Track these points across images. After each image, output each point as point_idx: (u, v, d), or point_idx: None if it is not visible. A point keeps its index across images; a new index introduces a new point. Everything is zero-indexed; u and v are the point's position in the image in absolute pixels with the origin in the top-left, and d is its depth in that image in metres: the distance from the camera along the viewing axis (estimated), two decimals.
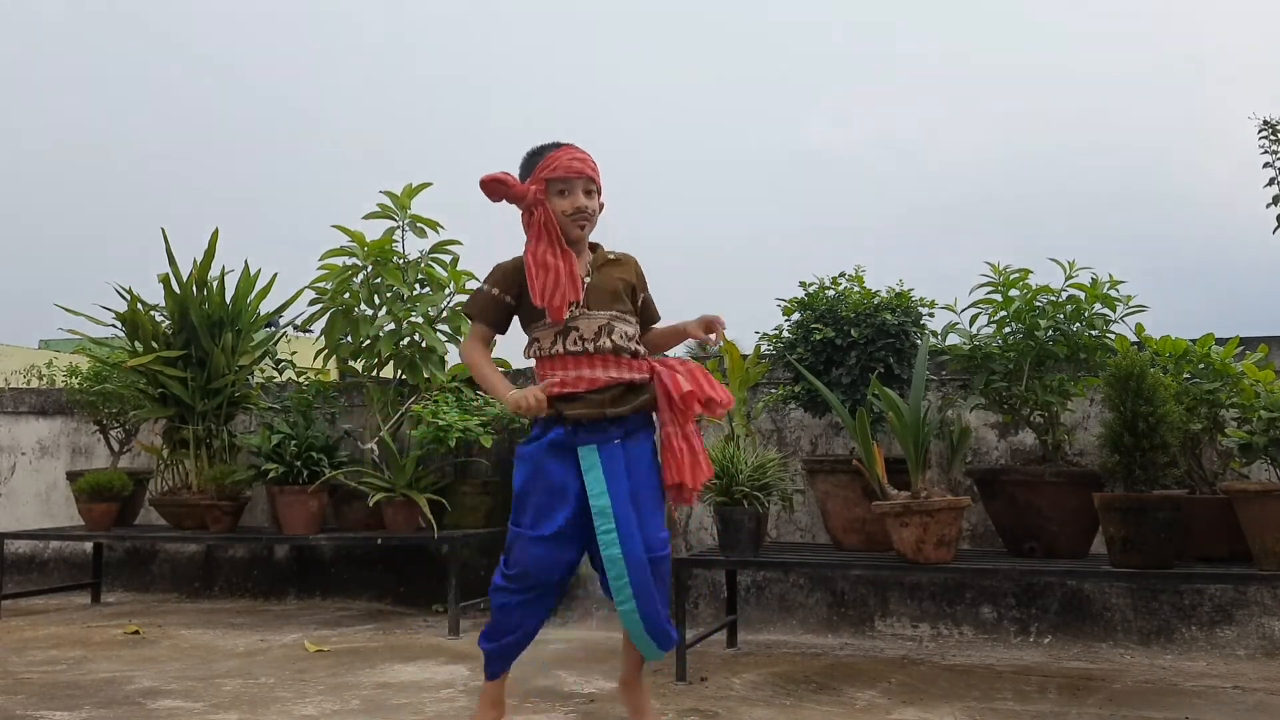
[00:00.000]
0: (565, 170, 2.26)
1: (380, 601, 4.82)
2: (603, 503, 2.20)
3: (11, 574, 5.12)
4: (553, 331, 2.28)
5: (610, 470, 2.22)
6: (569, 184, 2.27)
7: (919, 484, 3.16)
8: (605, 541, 2.20)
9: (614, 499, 2.20)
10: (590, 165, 2.30)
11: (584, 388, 2.25)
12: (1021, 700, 2.88)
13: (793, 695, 2.95)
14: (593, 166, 2.30)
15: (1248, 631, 3.57)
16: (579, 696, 2.93)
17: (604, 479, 2.21)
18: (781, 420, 4.33)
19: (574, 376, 2.25)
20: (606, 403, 2.24)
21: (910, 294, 3.68)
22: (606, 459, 2.23)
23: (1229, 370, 3.15)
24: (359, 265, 4.51)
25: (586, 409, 2.24)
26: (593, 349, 2.25)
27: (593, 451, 2.23)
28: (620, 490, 2.22)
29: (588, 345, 2.26)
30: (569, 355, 2.26)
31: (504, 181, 2.25)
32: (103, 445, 5.22)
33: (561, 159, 2.27)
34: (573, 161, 2.27)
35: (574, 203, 2.27)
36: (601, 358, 2.26)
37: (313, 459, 4.40)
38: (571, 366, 2.26)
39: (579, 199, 2.27)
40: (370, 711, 2.76)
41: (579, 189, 2.28)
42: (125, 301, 4.86)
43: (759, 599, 4.15)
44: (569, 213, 2.27)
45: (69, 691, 3.02)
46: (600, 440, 2.24)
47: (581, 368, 2.26)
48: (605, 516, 2.20)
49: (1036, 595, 3.82)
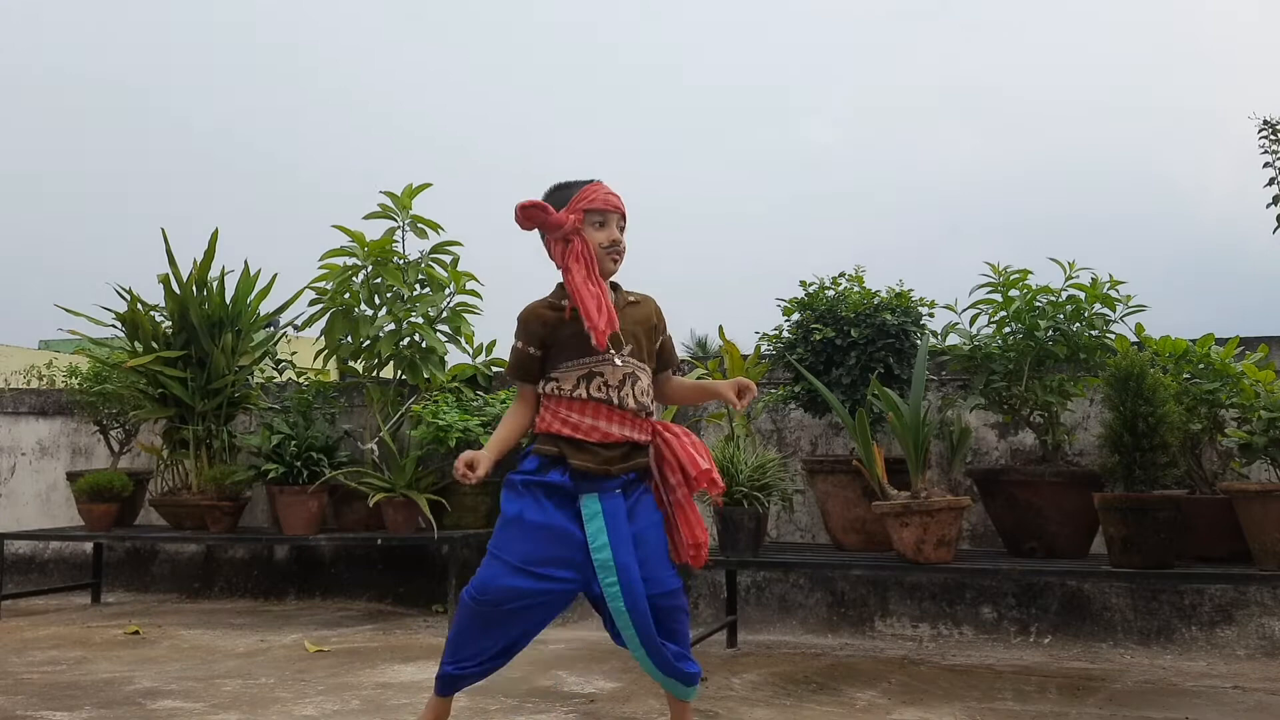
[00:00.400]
0: (604, 203, 2.27)
1: (380, 602, 4.82)
2: (604, 555, 2.16)
3: (11, 574, 5.12)
4: (575, 375, 2.23)
5: (612, 520, 2.18)
6: (606, 217, 2.27)
7: (919, 484, 3.16)
8: (610, 595, 2.16)
9: (616, 550, 2.16)
10: (623, 203, 2.32)
11: (595, 439, 2.20)
12: (1021, 700, 2.88)
13: (793, 695, 2.95)
14: (623, 204, 2.32)
15: (1248, 631, 3.57)
16: (579, 697, 2.93)
17: (606, 530, 2.17)
18: (781, 420, 4.33)
19: (589, 425, 2.21)
20: (614, 460, 2.21)
21: (910, 294, 3.68)
22: (609, 508, 2.19)
23: (1229, 370, 3.15)
24: (359, 265, 4.51)
25: (592, 463, 2.19)
26: (615, 400, 2.22)
27: (594, 500, 2.19)
28: (623, 540, 2.17)
29: (611, 394, 2.22)
30: (591, 401, 2.22)
31: (545, 209, 2.24)
32: (103, 446, 5.22)
33: (600, 192, 2.28)
34: (610, 196, 2.28)
35: (610, 235, 2.27)
36: (620, 413, 2.22)
37: (313, 459, 4.40)
38: (590, 414, 2.21)
39: (614, 232, 2.28)
40: (370, 712, 2.76)
41: (614, 223, 2.28)
42: (125, 302, 4.86)
43: (759, 599, 4.15)
44: (605, 245, 2.26)
45: (69, 692, 3.02)
46: (602, 490, 2.20)
47: (599, 418, 2.21)
48: (608, 570, 2.15)
49: (1036, 595, 3.82)
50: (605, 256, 2.27)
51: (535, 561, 2.18)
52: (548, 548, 2.18)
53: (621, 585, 2.15)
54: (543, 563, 2.18)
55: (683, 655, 2.25)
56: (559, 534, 2.19)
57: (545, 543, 2.19)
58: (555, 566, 2.18)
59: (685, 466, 2.24)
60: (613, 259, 2.29)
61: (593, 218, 2.27)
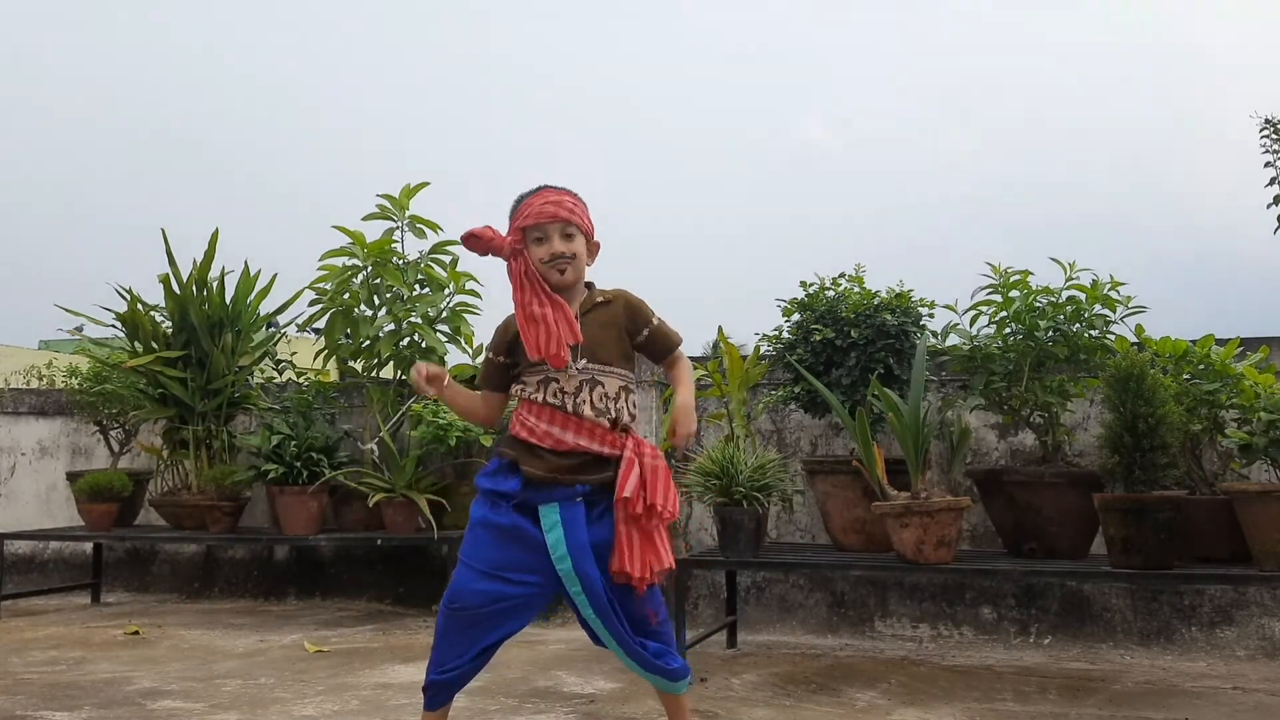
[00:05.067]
0: (537, 216, 2.19)
1: (380, 602, 4.82)
2: (565, 566, 2.13)
3: (11, 574, 5.11)
4: (536, 378, 2.20)
5: (570, 529, 2.14)
6: (543, 229, 2.19)
7: (919, 485, 3.16)
8: (579, 603, 2.15)
9: (575, 559, 2.13)
10: (565, 208, 2.20)
11: (548, 445, 2.16)
12: (1021, 701, 2.88)
13: (793, 696, 2.94)
14: (568, 208, 2.21)
15: (1248, 632, 3.57)
16: (579, 697, 2.93)
17: (565, 540, 2.13)
18: (781, 421, 4.33)
19: (543, 430, 2.16)
20: (564, 470, 2.15)
21: (910, 294, 3.68)
22: (567, 517, 2.15)
23: (1229, 371, 3.15)
24: (359, 266, 4.51)
25: (543, 471, 2.15)
26: (570, 406, 2.16)
27: (554, 510, 2.15)
28: (582, 548, 2.13)
29: (566, 400, 2.17)
30: (547, 406, 2.18)
31: (479, 236, 2.20)
32: (103, 446, 5.21)
33: (534, 204, 2.20)
34: (545, 206, 2.19)
35: (550, 249, 2.19)
36: (574, 420, 2.16)
37: (313, 459, 4.40)
38: (545, 419, 2.17)
39: (555, 245, 2.19)
40: (370, 712, 2.76)
41: (555, 234, 2.19)
42: (125, 302, 4.86)
43: (759, 599, 4.15)
44: (545, 259, 2.19)
45: (69, 692, 3.02)
46: (562, 498, 2.16)
47: (554, 424, 2.16)
48: (571, 579, 2.13)
49: (1036, 596, 3.82)
50: (549, 271, 2.20)
51: (502, 566, 2.16)
52: (513, 553, 2.16)
53: (586, 594, 2.13)
54: (510, 567, 2.16)
55: (663, 651, 2.21)
56: (522, 538, 2.16)
57: (510, 548, 2.16)
58: (523, 571, 2.16)
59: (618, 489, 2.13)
60: (558, 270, 2.20)
61: (531, 234, 2.20)
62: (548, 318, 2.16)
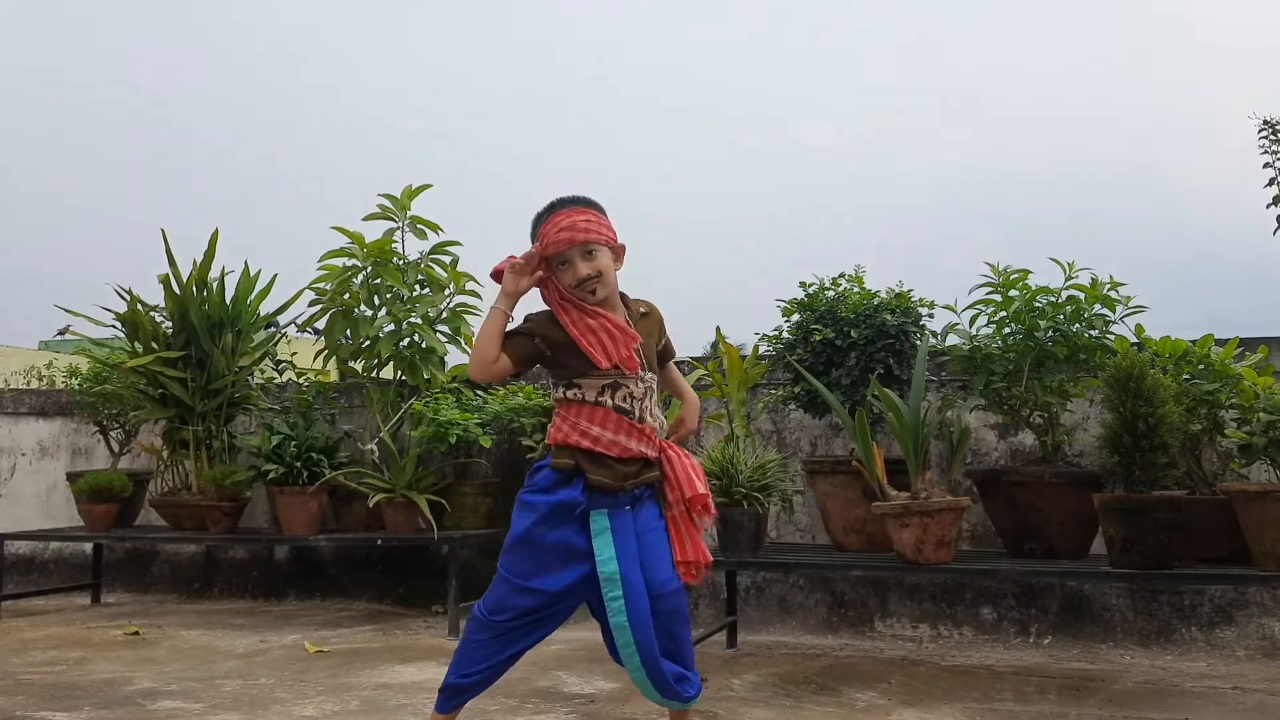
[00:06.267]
0: (555, 245, 2.17)
1: (380, 602, 4.82)
2: (611, 569, 2.13)
3: (11, 575, 5.12)
4: (600, 383, 2.18)
5: (620, 535, 2.16)
6: (564, 256, 2.18)
7: (919, 485, 3.16)
8: (613, 609, 2.14)
9: (622, 563, 2.14)
10: (580, 229, 2.17)
11: (615, 453, 2.16)
12: (1021, 701, 2.88)
13: (793, 696, 2.95)
14: (584, 228, 2.17)
15: (1247, 632, 3.57)
16: (579, 697, 2.93)
17: (613, 544, 2.15)
18: (781, 421, 4.33)
19: (609, 439, 2.16)
20: (628, 476, 2.17)
21: (910, 294, 3.68)
22: (617, 524, 2.16)
23: (1229, 371, 3.14)
24: (359, 266, 4.51)
25: (610, 479, 2.16)
26: (637, 413, 2.18)
27: (603, 516, 2.16)
28: (629, 555, 2.15)
29: (635, 406, 2.18)
30: (615, 412, 2.17)
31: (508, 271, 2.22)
32: (103, 446, 5.21)
33: (550, 233, 2.18)
34: (560, 233, 2.17)
35: (575, 274, 2.17)
36: (639, 428, 2.17)
37: (313, 460, 4.40)
38: (612, 427, 2.16)
39: (579, 269, 2.17)
40: (370, 712, 2.76)
41: (576, 258, 2.17)
42: (125, 302, 4.86)
43: (759, 600, 4.15)
44: (573, 285, 2.19)
45: (69, 692, 3.02)
46: (611, 505, 2.17)
47: (620, 433, 2.16)
48: (613, 583, 2.13)
49: (1036, 596, 3.82)
50: (582, 295, 2.19)
51: (544, 581, 2.16)
52: (555, 567, 2.17)
53: (626, 600, 2.13)
54: (550, 582, 2.16)
55: (682, 677, 2.20)
56: (567, 552, 2.17)
57: (553, 563, 2.17)
58: (562, 585, 2.16)
59: (683, 487, 2.20)
60: (589, 292, 2.19)
61: (554, 262, 2.20)
62: (606, 325, 2.17)
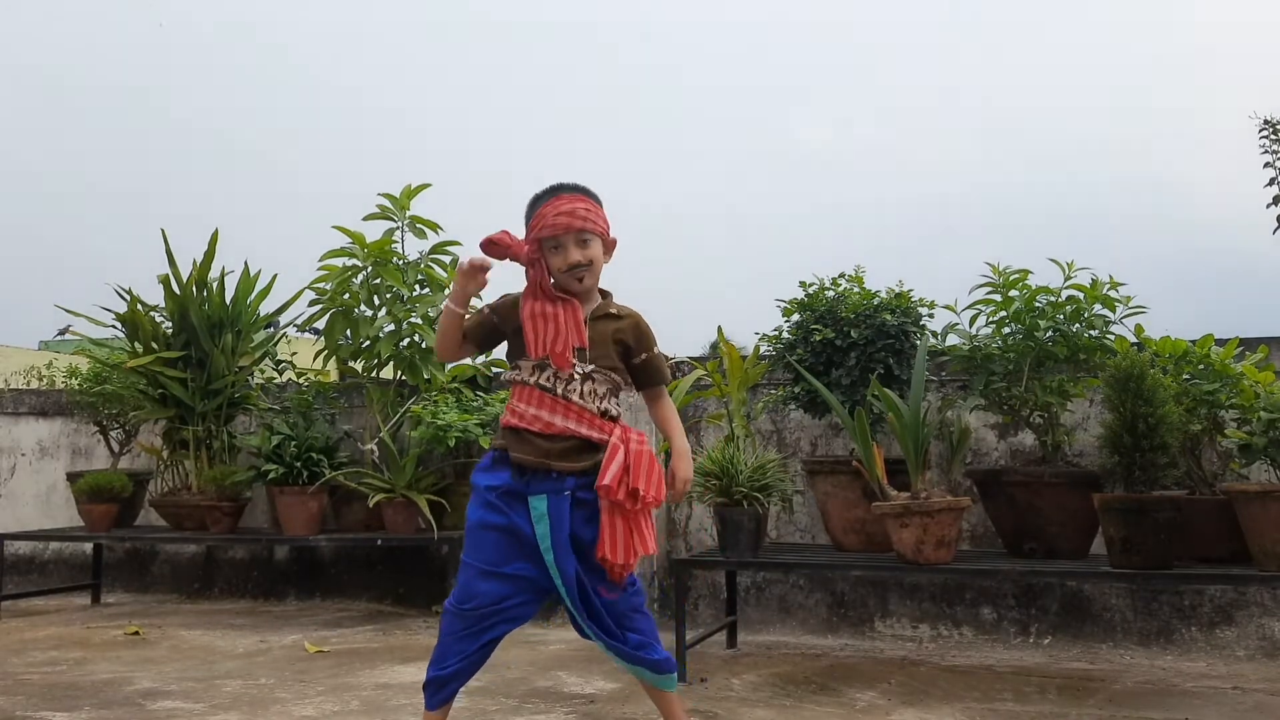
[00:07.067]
0: (552, 228, 2.18)
1: (380, 602, 4.82)
2: (550, 558, 2.15)
3: (11, 575, 5.12)
4: (531, 363, 2.20)
5: (555, 522, 2.15)
6: (559, 240, 2.19)
7: (919, 485, 3.16)
8: (563, 593, 2.17)
9: (555, 552, 2.14)
10: (579, 216, 2.19)
11: (537, 428, 2.16)
12: (1021, 701, 2.88)
13: (793, 696, 2.95)
14: (582, 216, 2.19)
15: (1247, 632, 3.57)
16: (579, 697, 2.93)
17: (550, 533, 2.15)
18: (781, 421, 4.33)
19: (531, 415, 2.17)
20: (553, 454, 2.15)
21: (910, 294, 3.68)
22: (554, 510, 2.15)
23: (1229, 371, 3.15)
24: (359, 266, 4.51)
25: (533, 456, 2.16)
26: (560, 390, 2.17)
27: (542, 501, 2.16)
28: (563, 541, 2.14)
29: (557, 384, 2.17)
30: (537, 389, 2.18)
31: (497, 242, 2.20)
32: (103, 446, 5.21)
33: (548, 215, 2.19)
34: (559, 217, 2.18)
35: (566, 259, 2.19)
36: (564, 404, 2.16)
37: (313, 460, 4.40)
38: (534, 403, 2.18)
39: (571, 254, 2.19)
40: (370, 712, 2.76)
41: (570, 243, 2.19)
42: (125, 302, 4.86)
43: (759, 600, 4.15)
44: (563, 269, 2.20)
45: (69, 692, 3.02)
46: (551, 490, 2.16)
47: (542, 407, 2.17)
48: (554, 570, 2.15)
49: (1036, 596, 3.82)
50: (568, 280, 2.21)
51: (504, 564, 2.18)
52: (512, 550, 2.18)
53: (564, 588, 2.16)
54: (510, 565, 2.18)
55: (644, 644, 2.22)
56: (518, 534, 2.17)
57: (509, 546, 2.18)
58: (521, 568, 2.18)
59: (603, 476, 2.13)
60: (576, 279, 2.20)
61: (547, 243, 2.20)
62: (559, 316, 2.18)
